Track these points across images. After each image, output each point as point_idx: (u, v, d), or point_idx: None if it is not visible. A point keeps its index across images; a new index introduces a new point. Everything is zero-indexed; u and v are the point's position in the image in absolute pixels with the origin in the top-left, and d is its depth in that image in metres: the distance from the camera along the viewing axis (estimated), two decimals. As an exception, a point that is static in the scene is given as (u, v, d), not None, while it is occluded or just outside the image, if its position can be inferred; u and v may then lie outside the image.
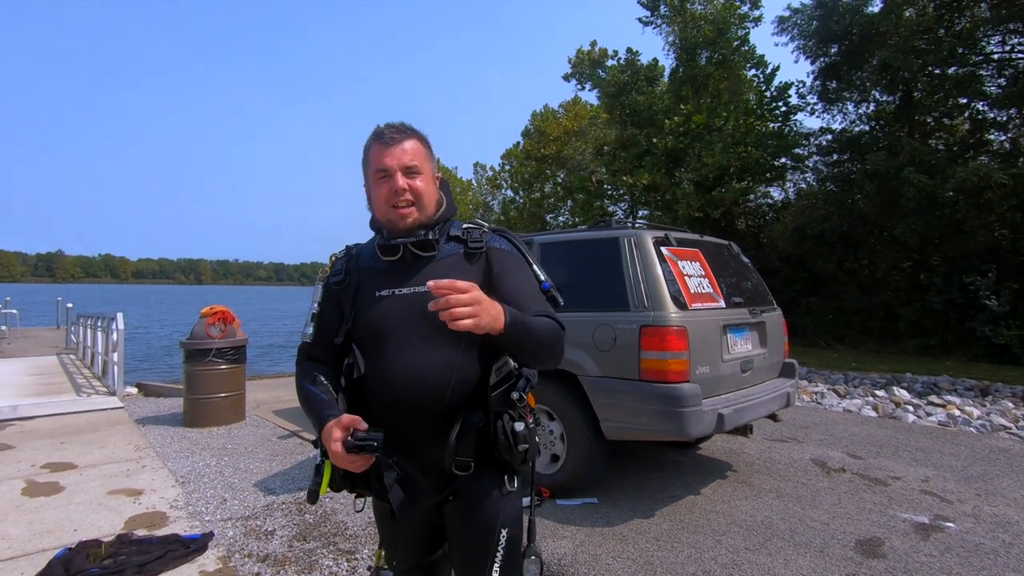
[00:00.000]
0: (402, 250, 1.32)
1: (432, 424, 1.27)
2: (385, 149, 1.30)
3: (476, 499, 1.33)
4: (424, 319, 1.24)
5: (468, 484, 1.32)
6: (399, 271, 1.34)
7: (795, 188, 16.57)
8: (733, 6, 16.26)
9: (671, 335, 3.14)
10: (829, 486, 3.86)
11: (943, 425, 5.74)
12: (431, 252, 1.33)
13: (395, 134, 1.31)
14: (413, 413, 1.26)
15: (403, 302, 1.30)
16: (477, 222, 1.41)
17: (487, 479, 1.32)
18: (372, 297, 1.33)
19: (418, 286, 1.29)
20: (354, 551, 2.97)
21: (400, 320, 1.29)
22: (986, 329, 10.11)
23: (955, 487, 3.86)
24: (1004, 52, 12.06)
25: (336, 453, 1.16)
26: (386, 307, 1.31)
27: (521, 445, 1.26)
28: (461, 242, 1.36)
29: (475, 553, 1.34)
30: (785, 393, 3.84)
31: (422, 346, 1.27)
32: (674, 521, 3.28)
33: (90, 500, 3.62)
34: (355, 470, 1.19)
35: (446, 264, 1.32)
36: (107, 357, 8.06)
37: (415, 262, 1.33)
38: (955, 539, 3.06)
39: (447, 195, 1.43)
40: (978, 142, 12.63)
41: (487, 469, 1.31)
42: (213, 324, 5.63)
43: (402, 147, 1.29)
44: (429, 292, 1.22)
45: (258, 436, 5.28)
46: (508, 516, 1.34)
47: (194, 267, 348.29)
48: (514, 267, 1.34)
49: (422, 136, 1.37)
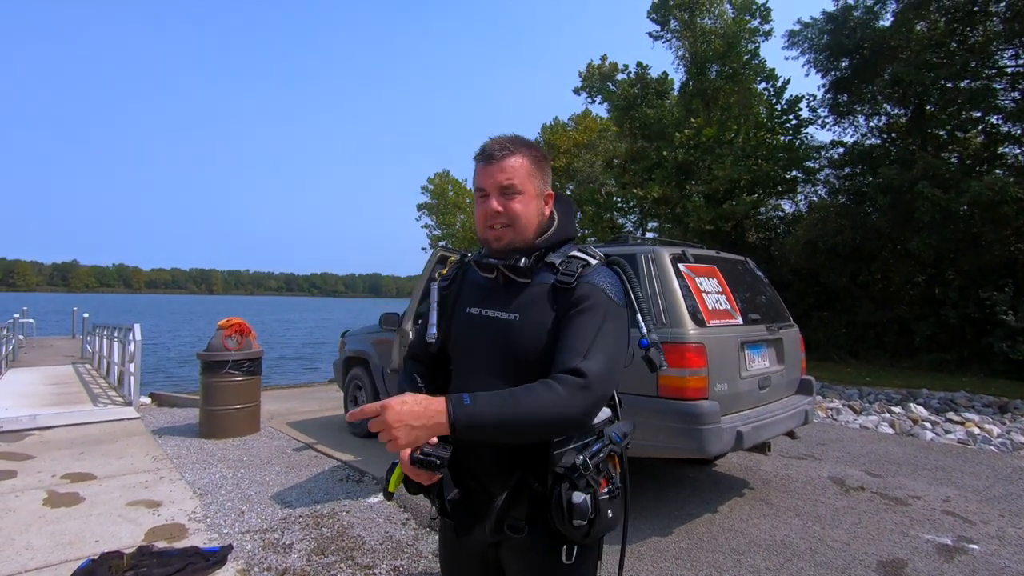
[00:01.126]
0: (496, 271, 1.26)
1: (493, 460, 1.18)
2: (485, 168, 1.22)
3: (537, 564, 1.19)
4: (497, 348, 1.20)
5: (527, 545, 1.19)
6: (492, 291, 1.27)
7: (806, 201, 16.53)
8: (743, 20, 16.36)
9: (689, 352, 3.15)
10: (848, 505, 3.81)
11: (962, 443, 5.66)
12: (524, 279, 1.23)
13: (498, 150, 1.21)
14: (478, 460, 1.19)
15: (484, 324, 1.24)
16: (589, 252, 1.27)
17: (545, 547, 1.16)
18: (463, 312, 1.29)
19: (502, 312, 1.22)
20: (372, 566, 2.97)
21: (477, 342, 1.24)
22: (1003, 345, 9.99)
23: (977, 507, 3.80)
24: (1018, 66, 12.02)
25: (403, 461, 1.10)
26: (470, 325, 1.26)
27: (576, 520, 1.07)
28: (556, 271, 1.21)
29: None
30: (803, 410, 3.82)
31: (489, 375, 1.19)
32: (692, 539, 3.25)
33: (110, 511, 3.66)
34: (423, 482, 1.14)
35: (534, 294, 1.21)
36: (123, 367, 8.15)
37: (508, 285, 1.25)
38: (980, 562, 3.01)
39: (564, 214, 1.32)
40: (992, 155, 12.55)
41: (544, 532, 1.14)
42: (230, 336, 5.69)
43: (500, 165, 1.20)
44: (509, 320, 1.20)
45: (273, 448, 5.31)
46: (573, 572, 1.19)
47: (205, 277, 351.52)
48: (586, 308, 1.15)
49: (530, 151, 1.24)
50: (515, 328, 1.19)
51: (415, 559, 3.05)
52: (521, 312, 1.20)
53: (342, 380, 6.15)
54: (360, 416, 1.03)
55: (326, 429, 6.14)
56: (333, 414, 7.02)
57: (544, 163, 1.27)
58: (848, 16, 13.97)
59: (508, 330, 1.20)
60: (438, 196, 39.02)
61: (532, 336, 1.17)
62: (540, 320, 1.17)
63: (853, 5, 14.18)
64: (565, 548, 1.15)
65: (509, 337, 1.19)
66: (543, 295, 1.20)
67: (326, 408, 7.50)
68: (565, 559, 1.15)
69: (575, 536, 1.10)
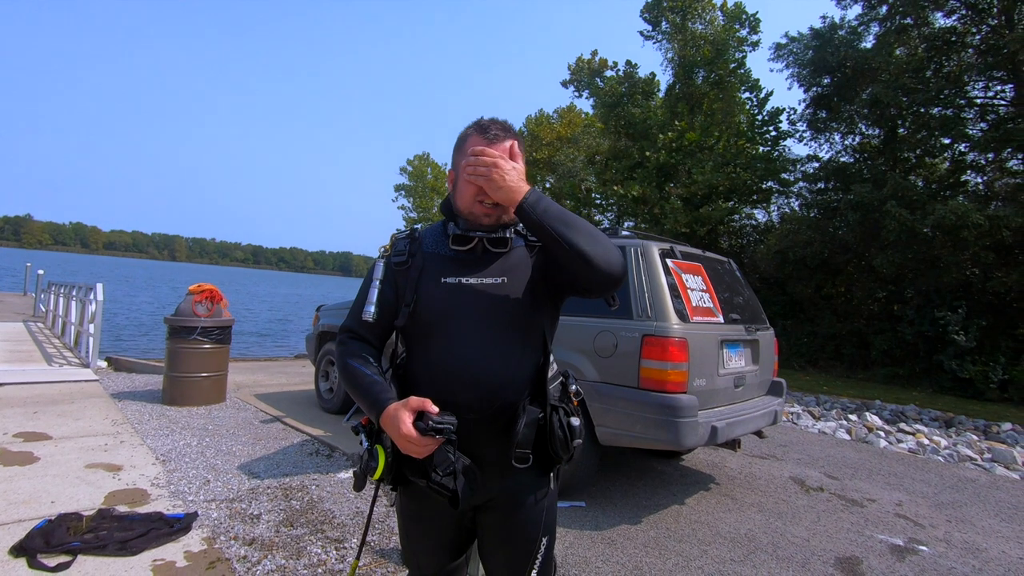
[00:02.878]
0: (476, 242, 1.31)
1: (490, 416, 1.25)
2: (489, 146, 1.27)
3: (518, 504, 1.33)
4: (490, 311, 1.27)
5: (513, 484, 1.31)
6: (468, 260, 1.32)
7: (779, 212, 16.96)
8: (733, 29, 16.60)
9: (672, 346, 3.20)
10: (808, 504, 3.96)
11: (913, 452, 5.92)
12: (504, 249, 1.33)
13: (499, 131, 1.29)
14: (472, 403, 1.24)
15: (471, 291, 1.29)
16: None
17: (532, 478, 1.33)
18: (437, 283, 1.30)
19: (487, 277, 1.29)
20: (343, 540, 2.94)
21: (466, 309, 1.27)
22: (953, 363, 10.47)
23: (927, 512, 3.99)
24: (987, 98, 12.54)
25: (407, 435, 1.13)
26: (452, 295, 1.29)
27: (576, 440, 1.27)
28: (523, 236, 1.37)
29: (515, 559, 1.35)
30: (773, 411, 3.93)
31: (485, 337, 1.27)
32: (660, 529, 3.32)
33: (67, 473, 3.52)
34: (418, 455, 1.16)
35: (514, 258, 1.33)
36: (81, 328, 7.83)
37: (485, 255, 1.32)
38: (928, 562, 3.16)
39: None
40: (956, 182, 13.09)
41: (533, 467, 1.30)
42: (200, 302, 5.52)
43: (503, 147, 1.28)
44: (498, 283, 1.28)
45: (240, 419, 5.19)
46: (548, 522, 1.36)
47: (169, 243, 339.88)
48: None
49: (518, 137, 1.35)
50: (505, 289, 1.29)
51: (387, 535, 3.03)
52: (507, 275, 1.30)
53: (314, 354, 6.05)
54: (483, 153, 1.21)
55: (295, 403, 6.03)
56: (301, 388, 6.90)
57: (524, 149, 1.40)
58: (834, 34, 14.31)
59: (498, 292, 1.29)
60: (416, 178, 38.56)
61: (521, 293, 1.29)
62: (526, 279, 1.30)
63: (839, 24, 14.53)
64: (552, 475, 1.36)
65: (500, 298, 1.28)
66: (524, 258, 1.33)
67: (294, 382, 7.37)
68: (552, 485, 1.36)
69: (568, 456, 1.29)
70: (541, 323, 1.32)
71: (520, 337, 1.29)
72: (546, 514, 1.35)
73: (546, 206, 1.19)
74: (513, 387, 1.27)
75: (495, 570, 1.39)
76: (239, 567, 2.58)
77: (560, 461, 1.30)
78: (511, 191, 1.19)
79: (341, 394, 5.53)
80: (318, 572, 2.60)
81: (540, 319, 1.32)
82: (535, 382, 1.31)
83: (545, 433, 1.26)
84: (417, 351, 1.32)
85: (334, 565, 2.68)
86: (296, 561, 2.70)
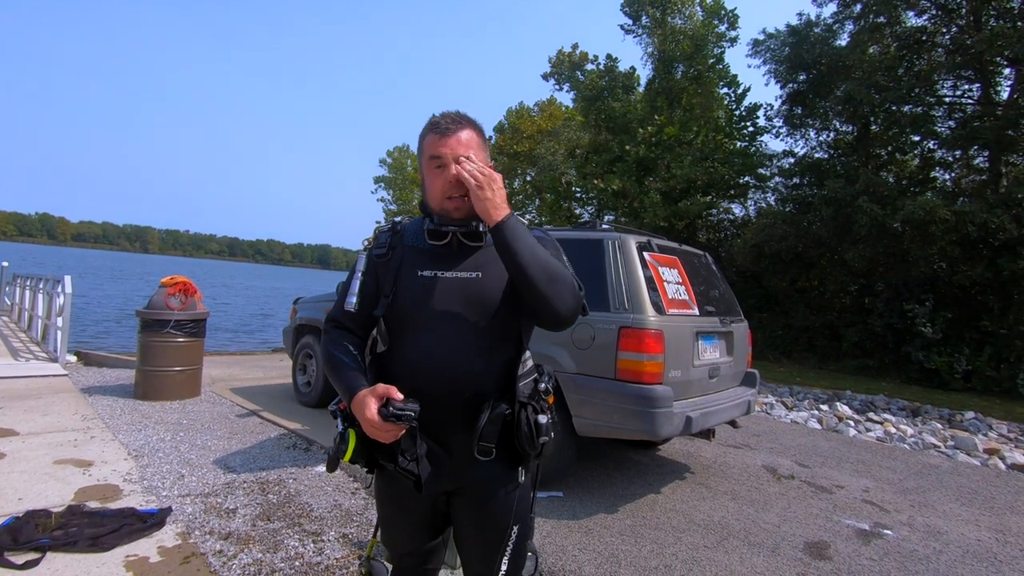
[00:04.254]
0: (451, 236, 1.34)
1: (460, 407, 1.28)
2: (440, 139, 1.29)
3: (489, 493, 1.35)
4: (464, 305, 1.29)
5: (483, 474, 1.33)
6: (444, 255, 1.34)
7: (756, 206, 17.23)
8: (711, 24, 16.72)
9: (648, 337, 3.24)
10: (779, 491, 4.06)
11: (881, 441, 6.11)
12: (479, 243, 1.35)
13: (450, 124, 1.30)
14: (442, 394, 1.27)
15: (446, 285, 1.31)
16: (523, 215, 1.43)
17: (501, 470, 1.34)
18: (414, 276, 1.33)
19: (462, 271, 1.32)
20: (320, 532, 2.94)
21: (440, 302, 1.30)
22: (920, 354, 10.80)
23: (892, 498, 4.13)
24: (955, 96, 12.87)
25: (371, 420, 1.17)
26: (427, 288, 1.31)
27: (542, 437, 1.27)
28: None
29: (486, 546, 1.37)
30: (747, 401, 4.02)
31: (458, 330, 1.29)
32: (636, 517, 3.38)
33: (35, 469, 3.44)
34: (384, 440, 1.21)
35: (490, 253, 1.33)
36: (48, 321, 7.62)
37: (461, 249, 1.35)
38: (892, 545, 3.28)
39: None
40: (925, 178, 13.45)
41: (502, 460, 1.32)
42: (173, 294, 5.42)
43: (457, 137, 1.29)
44: (472, 278, 1.31)
45: (215, 413, 5.12)
46: (519, 512, 1.37)
47: (141, 234, 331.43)
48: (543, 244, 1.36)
49: (477, 126, 1.36)
50: (479, 284, 1.30)
51: (365, 527, 3.03)
52: (482, 270, 1.32)
53: (292, 348, 5.98)
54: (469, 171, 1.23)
55: (272, 397, 5.97)
56: (278, 383, 6.83)
57: (485, 138, 1.39)
58: (810, 32, 14.54)
59: (472, 286, 1.30)
60: (396, 170, 38.22)
61: (495, 288, 1.30)
62: (500, 274, 1.30)
63: (814, 21, 14.77)
64: (521, 469, 1.35)
65: (474, 293, 1.30)
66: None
67: (271, 376, 7.29)
68: (521, 478, 1.35)
69: (535, 453, 1.29)
70: (516, 319, 1.33)
71: (492, 332, 1.30)
72: (517, 504, 1.36)
73: (521, 234, 1.22)
74: (482, 380, 1.29)
75: (468, 556, 1.42)
76: (214, 561, 2.56)
77: (528, 456, 1.31)
78: (494, 208, 1.22)
79: (319, 388, 5.49)
80: (296, 565, 2.59)
81: (514, 315, 1.32)
82: (506, 377, 1.31)
83: (512, 428, 1.28)
84: (395, 341, 1.36)
85: (311, 558, 2.67)
86: (273, 555, 2.68)
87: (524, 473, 1.37)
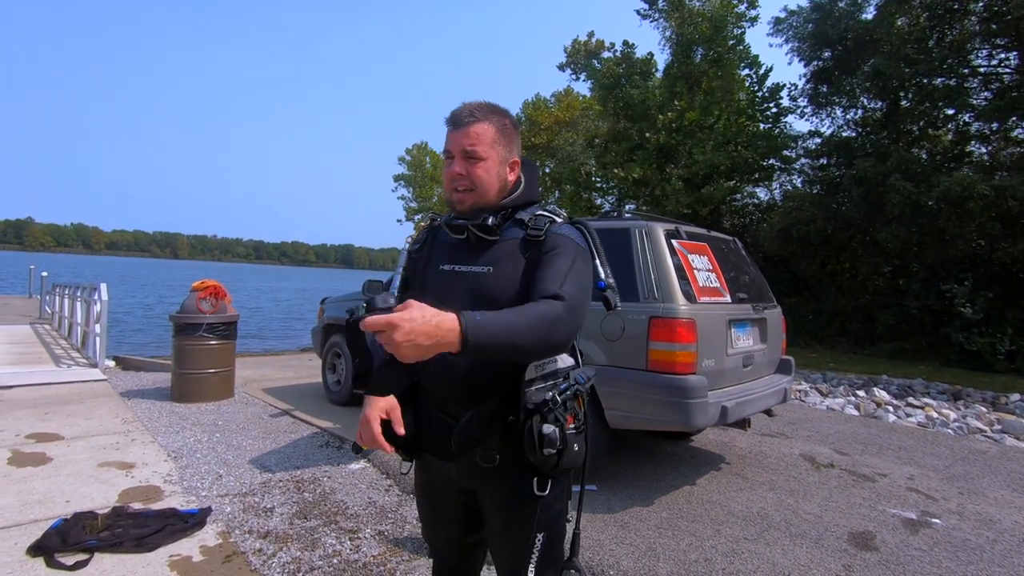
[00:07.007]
0: (467, 231, 1.33)
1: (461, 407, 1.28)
2: (452, 132, 1.30)
3: (508, 498, 1.30)
4: (471, 300, 1.26)
5: (496, 479, 1.28)
6: (464, 248, 1.35)
7: (781, 189, 16.81)
8: (730, 4, 16.32)
9: (680, 327, 3.17)
10: (819, 480, 3.95)
11: (922, 426, 5.92)
12: (493, 237, 1.32)
13: (466, 116, 1.28)
14: (444, 392, 1.30)
15: (459, 279, 1.32)
16: (554, 211, 1.37)
17: (515, 476, 1.26)
18: (436, 270, 1.37)
19: (476, 266, 1.31)
20: (356, 530, 2.96)
21: (452, 297, 1.27)
22: (960, 336, 10.42)
23: (939, 485, 3.99)
24: (991, 66, 12.34)
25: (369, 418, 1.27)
26: (444, 281, 1.34)
27: (546, 449, 1.18)
28: (525, 227, 1.31)
29: (511, 552, 1.33)
30: (782, 389, 3.92)
31: None
32: (673, 510, 3.33)
33: (80, 472, 3.54)
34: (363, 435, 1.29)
35: (505, 248, 1.30)
36: (87, 328, 7.85)
37: (479, 243, 1.34)
38: (942, 535, 3.16)
39: (529, 179, 1.40)
40: (961, 153, 12.93)
41: (515, 466, 1.25)
42: (204, 298, 5.51)
43: (466, 131, 1.27)
44: (483, 273, 1.30)
45: (249, 414, 5.21)
46: (545, 520, 1.30)
47: (170, 241, 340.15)
48: (558, 252, 1.24)
49: (499, 119, 1.31)
50: (488, 279, 1.28)
51: (400, 524, 3.05)
52: (494, 264, 1.29)
53: (321, 347, 6.05)
54: (369, 327, 0.98)
55: (303, 396, 6.05)
56: (310, 382, 6.92)
57: (511, 131, 1.33)
58: (834, 6, 14.06)
59: (481, 281, 1.28)
60: (415, 168, 38.36)
61: (504, 285, 1.26)
62: (511, 270, 1.27)
63: (839, -5, 14.28)
64: (536, 480, 1.25)
65: (482, 287, 1.27)
66: (514, 248, 1.29)
67: (302, 376, 7.39)
68: (537, 490, 1.25)
69: (544, 466, 1.20)
70: None
71: None
72: (541, 512, 1.29)
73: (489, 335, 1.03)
74: (484, 379, 1.26)
75: (496, 560, 1.41)
76: (255, 560, 2.60)
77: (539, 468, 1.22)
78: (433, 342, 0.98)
79: (349, 386, 5.54)
80: (334, 563, 2.61)
81: None
82: (511, 380, 1.24)
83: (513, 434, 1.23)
84: None
85: (349, 555, 2.69)
86: (311, 552, 2.71)
87: (542, 485, 1.26)
